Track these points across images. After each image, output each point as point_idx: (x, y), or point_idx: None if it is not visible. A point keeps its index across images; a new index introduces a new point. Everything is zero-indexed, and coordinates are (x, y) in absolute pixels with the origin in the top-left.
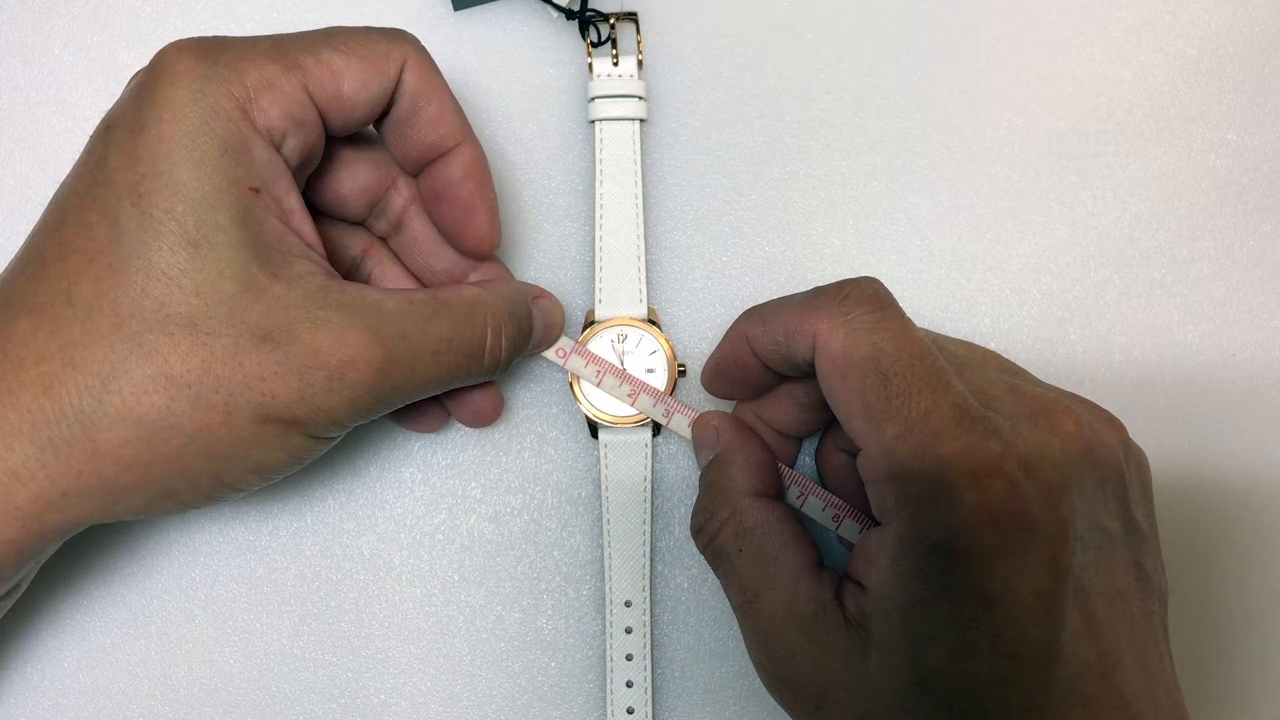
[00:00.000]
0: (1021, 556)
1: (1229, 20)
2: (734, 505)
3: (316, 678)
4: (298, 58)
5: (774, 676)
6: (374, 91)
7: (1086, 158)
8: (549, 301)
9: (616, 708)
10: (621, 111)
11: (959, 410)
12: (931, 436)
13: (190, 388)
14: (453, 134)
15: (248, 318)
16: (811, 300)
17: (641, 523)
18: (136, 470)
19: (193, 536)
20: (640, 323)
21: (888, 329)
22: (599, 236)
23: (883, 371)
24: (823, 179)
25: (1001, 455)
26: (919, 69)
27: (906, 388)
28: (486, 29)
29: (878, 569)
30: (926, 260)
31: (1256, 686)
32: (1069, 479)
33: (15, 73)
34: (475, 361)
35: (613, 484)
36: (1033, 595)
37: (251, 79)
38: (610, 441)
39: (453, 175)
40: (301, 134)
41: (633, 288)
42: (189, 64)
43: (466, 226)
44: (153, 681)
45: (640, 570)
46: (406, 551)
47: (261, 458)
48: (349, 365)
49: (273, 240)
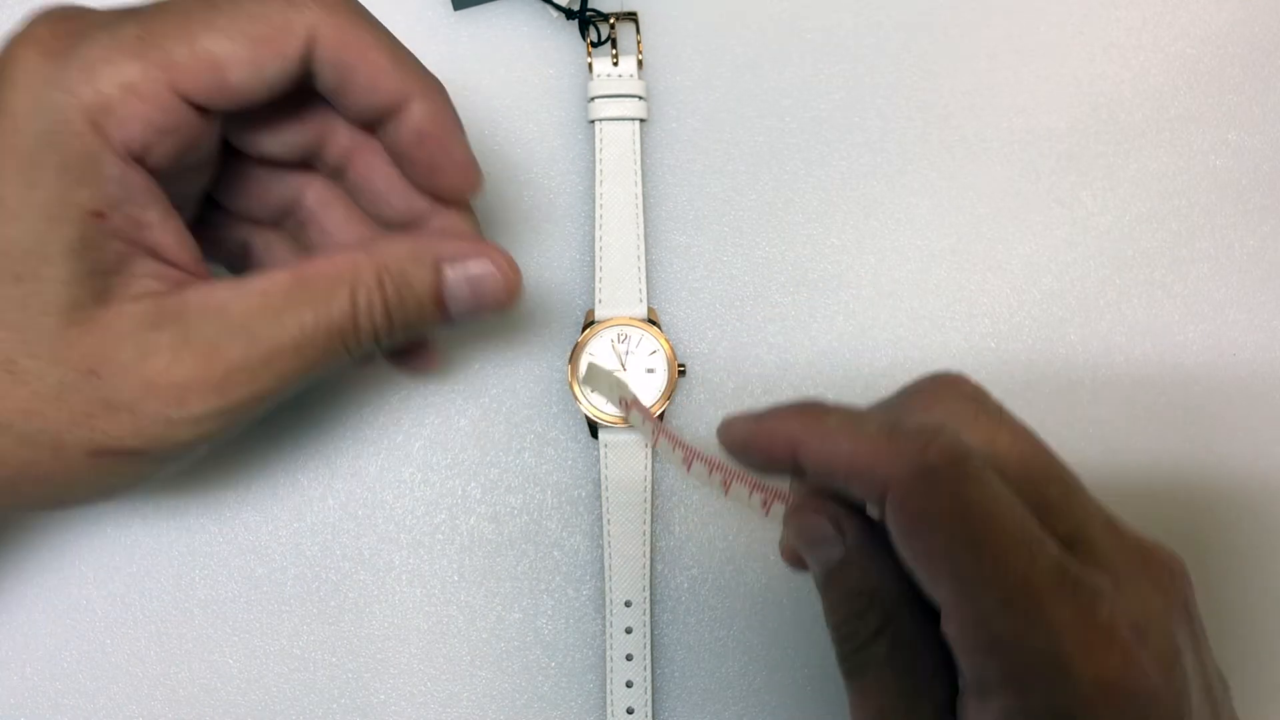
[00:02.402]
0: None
1: (1229, 20)
2: (888, 613)
3: (316, 678)
4: (169, 51)
5: None
6: (270, 75)
7: (1086, 158)
8: (482, 263)
9: (616, 708)
10: (621, 111)
11: (1059, 572)
12: (1034, 605)
13: (11, 428)
14: (395, 93)
15: (73, 353)
16: (886, 442)
17: (641, 523)
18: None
19: (193, 536)
20: (640, 323)
21: (972, 479)
22: (599, 236)
23: (973, 534)
24: (823, 179)
25: (1112, 622)
26: (919, 69)
27: (1000, 550)
28: (486, 29)
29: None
30: (926, 260)
31: (1257, 686)
32: (1179, 643)
33: None
34: (349, 340)
35: (613, 484)
36: None
37: (107, 85)
38: (610, 441)
39: (405, 137)
40: (172, 140)
41: (632, 288)
42: (35, 64)
43: (435, 181)
44: (153, 681)
45: (640, 570)
46: (406, 551)
47: (104, 485)
48: (186, 391)
49: (112, 264)
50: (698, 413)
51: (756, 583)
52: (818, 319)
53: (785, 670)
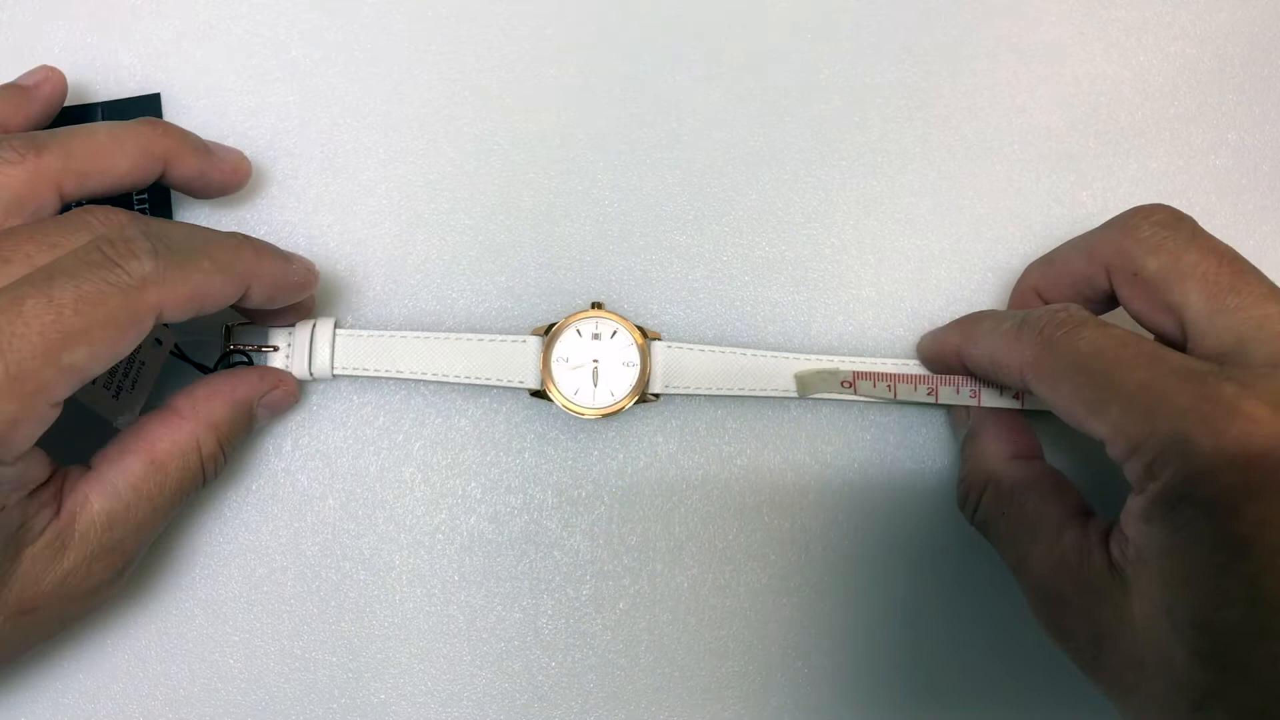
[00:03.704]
0: (1274, 499)
1: (1229, 20)
2: (989, 473)
3: (316, 678)
4: (39, 376)
5: (1055, 627)
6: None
7: (1086, 158)
8: (275, 393)
9: None
10: None
11: (1180, 371)
12: (1156, 401)
13: None
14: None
15: (8, 605)
16: (1015, 336)
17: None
18: None
19: (193, 536)
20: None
21: (1080, 335)
22: None
23: (1091, 373)
24: (823, 179)
25: (1237, 397)
26: (919, 69)
27: (1115, 372)
28: None
29: (1134, 521)
30: (926, 260)
31: None
32: None
33: (15, 73)
34: (199, 485)
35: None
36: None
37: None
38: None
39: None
40: (38, 427)
41: None
42: None
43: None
44: (153, 681)
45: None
46: (406, 551)
47: (24, 645)
48: (100, 590)
49: (12, 526)
50: (697, 412)
51: (756, 583)
52: (817, 319)
53: (785, 670)
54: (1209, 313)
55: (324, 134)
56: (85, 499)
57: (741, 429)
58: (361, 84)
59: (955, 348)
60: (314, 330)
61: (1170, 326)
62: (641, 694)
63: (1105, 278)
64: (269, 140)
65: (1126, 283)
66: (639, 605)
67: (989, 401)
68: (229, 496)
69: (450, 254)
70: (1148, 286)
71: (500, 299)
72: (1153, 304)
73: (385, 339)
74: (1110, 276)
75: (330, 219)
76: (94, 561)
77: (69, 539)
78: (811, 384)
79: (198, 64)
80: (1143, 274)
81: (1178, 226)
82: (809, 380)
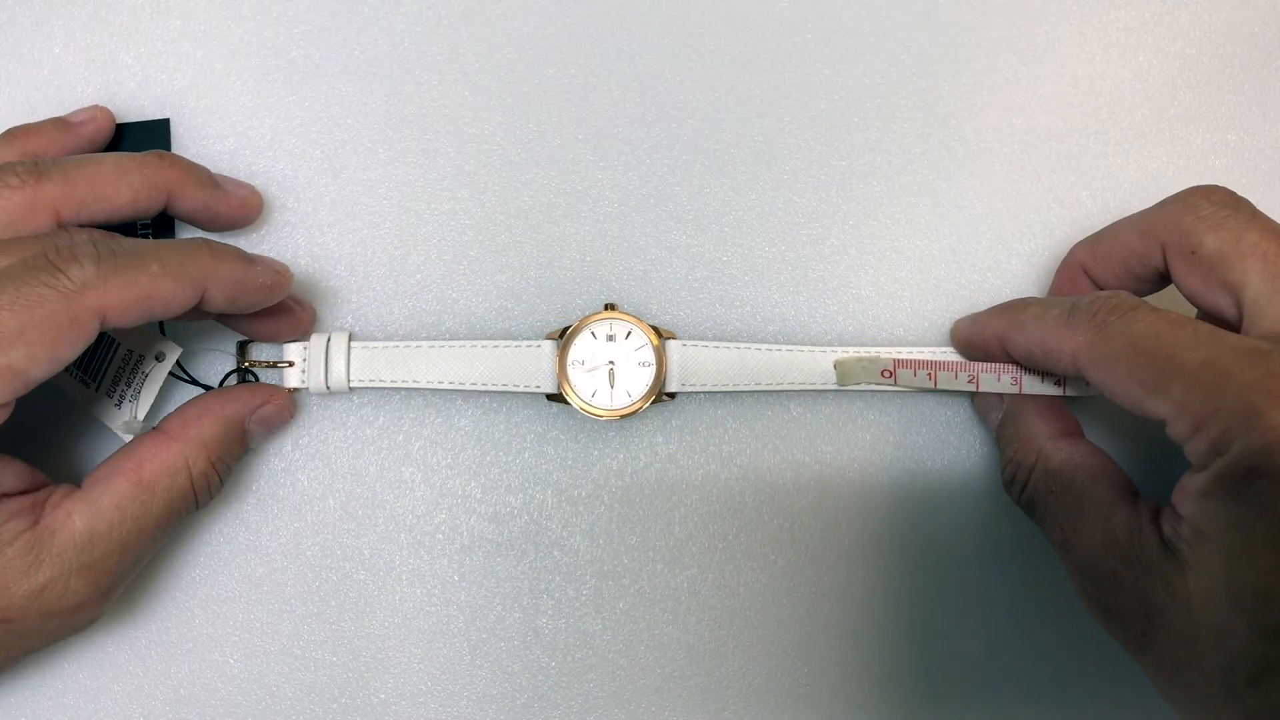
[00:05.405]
0: None
1: (1229, 20)
2: (1038, 450)
3: (316, 678)
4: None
5: (1101, 606)
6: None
7: (1086, 158)
8: (267, 407)
9: None
10: None
11: (1241, 349)
12: (1220, 377)
13: None
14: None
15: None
16: (1066, 323)
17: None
18: None
19: (193, 536)
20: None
21: (1135, 319)
22: None
23: (1147, 354)
24: (823, 179)
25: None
26: (919, 69)
27: (1173, 352)
28: None
29: (1193, 499)
30: (926, 260)
31: None
32: None
33: (15, 73)
34: (192, 507)
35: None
36: None
37: None
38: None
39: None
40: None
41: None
42: None
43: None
44: (153, 681)
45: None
46: (406, 551)
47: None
48: (80, 610)
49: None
50: (697, 412)
51: (756, 583)
52: (817, 319)
53: (785, 670)
54: (1269, 292)
55: (324, 134)
56: (68, 515)
57: (741, 429)
58: (361, 84)
59: (998, 334)
60: (329, 344)
61: (1226, 305)
62: (641, 694)
63: (1159, 254)
64: (269, 141)
65: (1183, 260)
66: (639, 605)
67: (1030, 388)
68: (229, 496)
69: (451, 254)
70: (1205, 264)
71: (501, 299)
72: (1209, 282)
73: (400, 349)
74: (1165, 253)
75: (330, 219)
76: (72, 578)
77: (44, 552)
78: (852, 372)
79: (198, 64)
80: (1201, 251)
81: (1238, 206)
82: (850, 368)
